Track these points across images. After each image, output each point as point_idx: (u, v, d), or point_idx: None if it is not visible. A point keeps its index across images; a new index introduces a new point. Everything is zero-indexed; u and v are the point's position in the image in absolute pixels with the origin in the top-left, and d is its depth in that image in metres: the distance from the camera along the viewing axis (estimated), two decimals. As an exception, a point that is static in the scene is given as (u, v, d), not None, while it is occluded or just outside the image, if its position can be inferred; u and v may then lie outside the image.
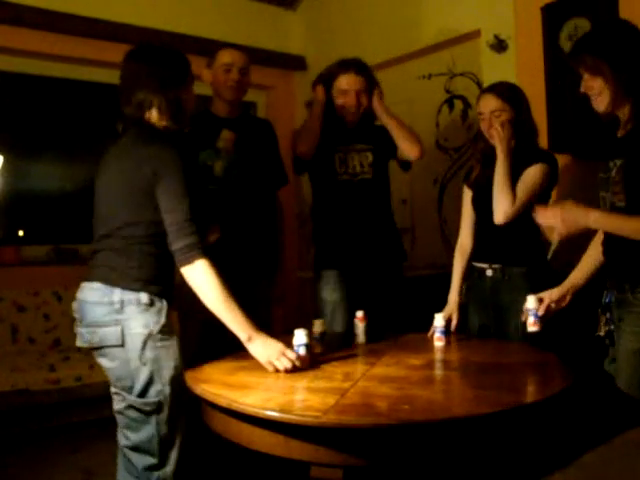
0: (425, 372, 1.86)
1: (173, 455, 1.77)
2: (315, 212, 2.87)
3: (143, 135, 1.81)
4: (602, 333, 1.91)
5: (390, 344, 2.22)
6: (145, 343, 1.74)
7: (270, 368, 1.74)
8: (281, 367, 1.72)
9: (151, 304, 1.76)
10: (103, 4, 3.81)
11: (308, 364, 1.77)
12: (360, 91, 2.71)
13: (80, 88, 4.09)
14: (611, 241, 1.85)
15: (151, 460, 1.76)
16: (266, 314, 2.67)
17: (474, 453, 1.48)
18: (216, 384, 1.67)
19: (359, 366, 1.94)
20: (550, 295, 2.02)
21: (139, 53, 1.89)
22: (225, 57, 2.62)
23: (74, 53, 3.80)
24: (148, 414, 1.75)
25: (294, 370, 1.72)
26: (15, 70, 3.83)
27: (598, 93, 1.78)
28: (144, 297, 1.75)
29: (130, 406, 1.77)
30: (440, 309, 2.35)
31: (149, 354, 1.74)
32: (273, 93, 4.64)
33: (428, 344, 2.19)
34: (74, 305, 1.84)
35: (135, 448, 1.78)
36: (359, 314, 2.24)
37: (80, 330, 1.81)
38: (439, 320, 2.18)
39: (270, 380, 1.71)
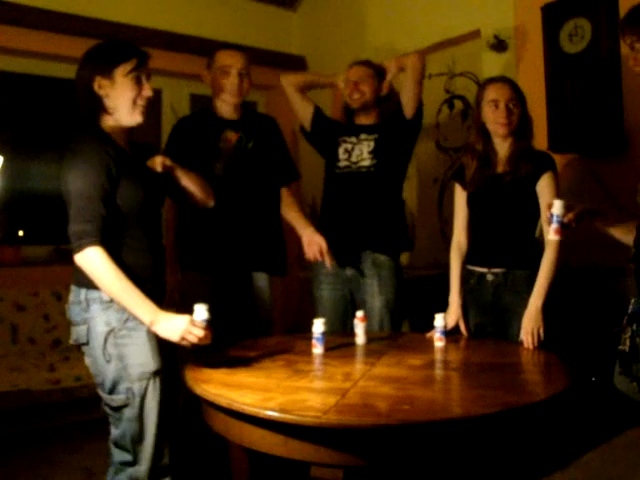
0: (425, 372, 1.86)
1: (145, 453, 1.77)
2: (322, 200, 2.91)
3: (78, 140, 1.83)
4: (626, 348, 1.73)
5: (390, 344, 2.22)
6: (106, 340, 1.76)
7: (183, 343, 1.73)
8: (194, 340, 1.71)
9: (112, 301, 1.75)
10: (103, 4, 3.81)
11: (210, 339, 1.75)
12: (361, 79, 2.74)
13: (80, 88, 4.09)
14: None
15: (127, 456, 1.79)
16: (267, 312, 2.67)
17: (474, 453, 1.48)
18: (216, 384, 1.67)
19: (359, 366, 1.95)
20: (580, 207, 1.87)
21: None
22: (223, 59, 2.58)
23: (74, 53, 3.74)
24: (116, 410, 1.78)
25: (198, 345, 1.73)
26: (15, 70, 3.83)
27: None
28: (105, 295, 1.75)
29: (105, 402, 1.82)
30: (440, 309, 2.34)
31: (112, 351, 1.76)
32: (273, 93, 4.63)
33: (428, 344, 2.19)
34: None
35: (114, 443, 1.82)
36: (359, 314, 2.23)
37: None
38: (439, 320, 2.18)
39: (270, 380, 1.71)
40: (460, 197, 2.44)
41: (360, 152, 2.75)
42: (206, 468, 2.46)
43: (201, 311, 1.75)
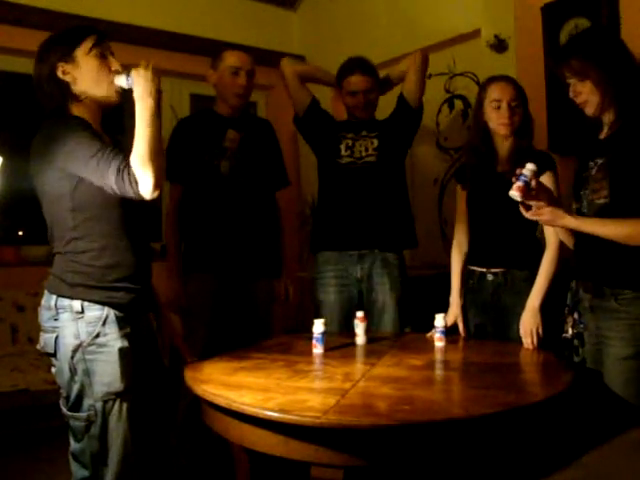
0: (425, 372, 1.85)
1: (109, 473, 1.65)
2: (319, 197, 2.88)
3: (47, 127, 1.68)
4: (569, 335, 1.90)
5: (390, 344, 2.22)
6: (74, 354, 1.65)
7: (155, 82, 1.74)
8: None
9: (83, 312, 1.65)
10: (103, 4, 3.81)
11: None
12: (368, 90, 2.72)
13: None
14: (584, 243, 1.81)
15: (85, 472, 1.67)
16: (267, 312, 2.67)
17: (474, 453, 1.48)
18: (216, 384, 1.67)
19: (359, 366, 1.95)
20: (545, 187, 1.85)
21: None
22: (232, 60, 2.60)
23: (74, 53, 3.80)
24: (77, 428, 1.67)
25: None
26: (15, 70, 3.83)
27: (586, 98, 1.80)
28: (76, 304, 1.66)
29: (66, 420, 1.71)
30: (440, 309, 2.34)
31: (79, 366, 1.65)
32: (273, 93, 4.64)
33: (428, 344, 2.19)
34: None
35: (73, 456, 1.70)
36: (359, 314, 2.23)
37: None
38: (439, 320, 2.18)
39: (270, 380, 1.71)
40: (461, 197, 2.44)
41: (364, 148, 2.73)
42: (210, 470, 2.46)
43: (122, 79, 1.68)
